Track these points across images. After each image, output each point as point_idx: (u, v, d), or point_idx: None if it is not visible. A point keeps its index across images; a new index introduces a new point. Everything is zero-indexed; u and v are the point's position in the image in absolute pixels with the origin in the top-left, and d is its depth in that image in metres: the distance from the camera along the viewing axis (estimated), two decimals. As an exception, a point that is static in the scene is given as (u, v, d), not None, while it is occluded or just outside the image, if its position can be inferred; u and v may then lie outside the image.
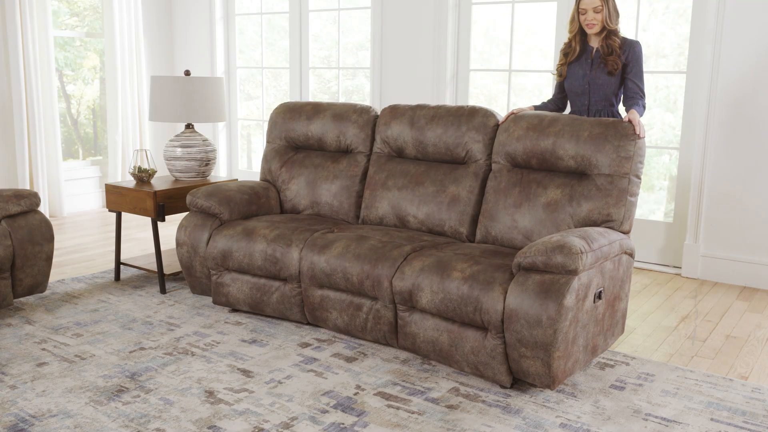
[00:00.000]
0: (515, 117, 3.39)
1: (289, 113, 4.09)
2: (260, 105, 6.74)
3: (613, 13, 3.45)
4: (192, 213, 3.75)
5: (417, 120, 3.66)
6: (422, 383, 2.89)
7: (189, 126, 4.28)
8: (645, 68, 4.67)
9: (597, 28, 3.45)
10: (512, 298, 2.67)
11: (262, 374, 2.95)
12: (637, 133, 3.06)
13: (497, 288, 2.74)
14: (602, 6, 3.41)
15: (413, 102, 5.47)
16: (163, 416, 2.58)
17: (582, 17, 3.47)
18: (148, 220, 5.97)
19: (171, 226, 5.77)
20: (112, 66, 6.28)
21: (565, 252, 2.62)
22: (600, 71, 3.52)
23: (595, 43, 3.55)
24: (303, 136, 4.03)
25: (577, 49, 3.55)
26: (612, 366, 3.09)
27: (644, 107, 3.46)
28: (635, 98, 3.47)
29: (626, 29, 4.69)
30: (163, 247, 5.06)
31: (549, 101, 3.78)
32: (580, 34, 3.55)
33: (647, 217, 4.83)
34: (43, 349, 3.17)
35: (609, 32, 3.47)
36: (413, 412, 2.64)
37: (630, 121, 3.10)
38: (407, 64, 5.50)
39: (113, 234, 5.45)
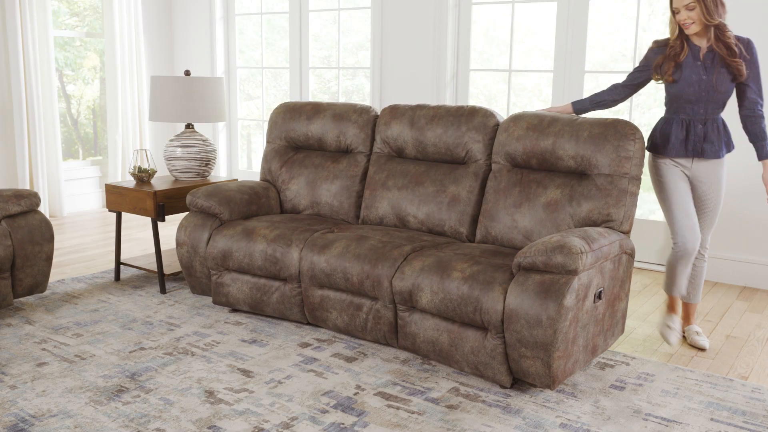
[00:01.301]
0: (515, 117, 3.38)
1: (289, 113, 4.09)
2: (260, 105, 6.74)
3: (712, 7, 2.95)
4: (192, 213, 3.75)
5: (417, 120, 3.66)
6: (422, 383, 2.89)
7: (189, 126, 4.28)
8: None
9: (695, 28, 3.00)
10: (512, 298, 2.67)
11: (262, 374, 2.95)
12: None
13: (497, 288, 2.74)
14: (695, 2, 2.95)
15: (413, 102, 5.48)
16: (163, 416, 2.58)
17: (677, 17, 3.04)
18: (148, 220, 5.97)
19: (171, 226, 5.77)
20: (112, 66, 6.28)
21: (565, 252, 2.62)
22: (721, 77, 3.05)
23: (701, 42, 3.09)
24: (303, 136, 4.04)
25: (685, 49, 3.08)
26: (612, 366, 3.08)
27: (764, 118, 3.11)
28: (756, 111, 3.09)
29: (626, 29, 4.69)
30: (163, 247, 5.06)
31: (608, 90, 3.35)
32: (682, 35, 3.10)
33: (647, 217, 4.83)
34: (43, 349, 3.17)
35: (716, 29, 3.00)
36: (413, 412, 2.64)
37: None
38: (407, 64, 5.50)
39: (113, 234, 5.45)
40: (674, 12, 3.04)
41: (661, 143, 3.19)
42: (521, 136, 3.30)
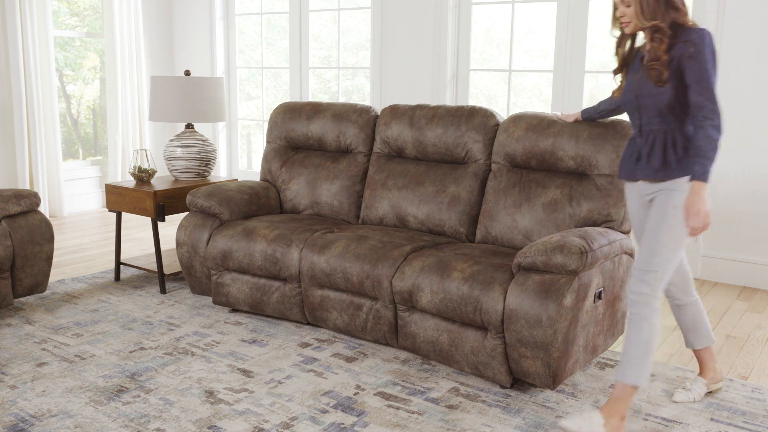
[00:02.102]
0: (515, 117, 3.38)
1: (289, 113, 4.09)
2: (260, 105, 6.74)
3: (647, 6, 2.36)
4: (192, 213, 3.75)
5: (417, 120, 3.66)
6: (422, 383, 2.89)
7: (189, 126, 4.28)
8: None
9: (630, 27, 2.45)
10: (512, 298, 2.67)
11: (262, 374, 2.95)
12: (692, 229, 2.30)
13: (497, 288, 2.74)
14: None
15: (413, 102, 5.48)
16: (163, 416, 2.58)
17: (616, 12, 2.50)
18: (148, 220, 5.97)
19: (171, 226, 5.77)
20: (112, 66, 6.28)
21: (565, 252, 2.62)
22: (645, 82, 2.45)
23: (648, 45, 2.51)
24: (303, 136, 4.03)
25: (622, 52, 2.57)
26: (612, 366, 3.08)
27: (719, 129, 2.30)
28: (700, 119, 2.32)
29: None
30: (163, 247, 5.06)
31: (606, 99, 3.01)
32: (628, 37, 2.57)
33: (647, 217, 4.83)
34: (43, 349, 3.17)
35: (652, 30, 2.38)
36: (413, 412, 2.64)
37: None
38: (407, 64, 5.50)
39: (113, 234, 5.45)
40: (615, 5, 2.49)
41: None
42: (521, 137, 3.30)
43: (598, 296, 2.78)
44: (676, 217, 2.35)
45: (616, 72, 2.59)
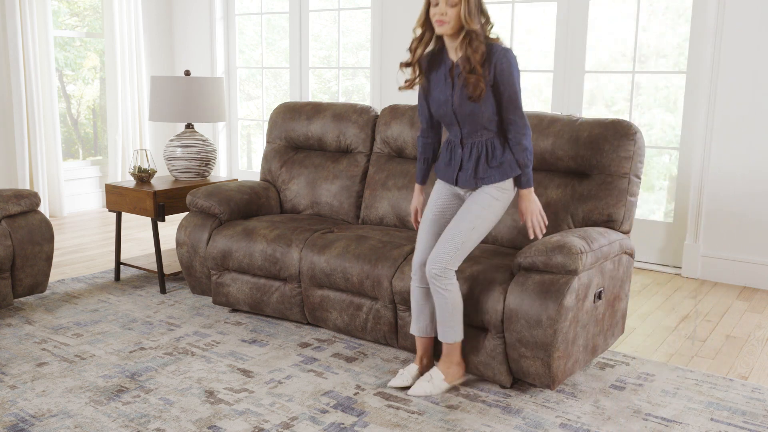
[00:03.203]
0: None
1: (289, 113, 4.09)
2: (260, 105, 6.74)
3: (475, 9, 2.47)
4: (192, 213, 3.75)
5: (417, 120, 3.65)
6: (422, 383, 2.89)
7: (189, 126, 4.28)
8: (644, 68, 4.67)
9: (448, 28, 2.48)
10: (512, 298, 2.67)
11: (262, 374, 2.95)
12: (536, 234, 2.63)
13: (497, 288, 2.74)
14: None
15: (413, 102, 5.47)
16: (163, 416, 2.58)
17: (432, 10, 2.50)
18: (148, 220, 5.97)
19: (171, 226, 5.77)
20: (112, 66, 6.28)
21: (565, 252, 2.62)
22: (463, 96, 2.57)
23: (454, 53, 2.59)
24: (303, 136, 4.03)
25: (422, 51, 2.60)
26: (612, 366, 3.08)
27: (529, 138, 2.61)
28: (513, 134, 2.59)
29: (626, 29, 4.69)
30: (163, 247, 5.06)
31: (421, 143, 2.88)
32: (432, 33, 2.59)
33: (647, 217, 4.83)
34: (43, 349, 3.17)
35: (470, 35, 2.49)
36: (413, 412, 2.64)
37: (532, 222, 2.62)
38: (407, 64, 5.49)
39: (113, 234, 5.45)
40: (432, 3, 2.49)
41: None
42: (521, 136, 3.29)
43: (598, 296, 2.78)
44: (485, 210, 2.64)
45: (406, 65, 2.62)
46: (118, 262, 4.21)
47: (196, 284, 3.73)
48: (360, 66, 6.04)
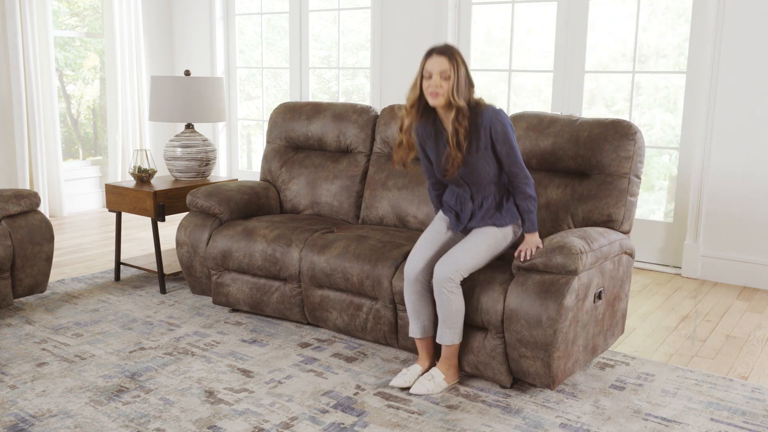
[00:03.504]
0: (515, 117, 3.37)
1: (289, 113, 4.09)
2: (260, 105, 6.74)
3: (464, 85, 2.64)
4: (192, 213, 3.75)
5: (417, 120, 3.65)
6: (422, 383, 2.89)
7: (189, 126, 4.28)
8: (644, 68, 4.68)
9: (442, 100, 2.63)
10: (512, 298, 2.67)
11: (262, 374, 2.95)
12: (522, 257, 2.68)
13: (497, 288, 2.74)
14: (450, 71, 2.60)
15: (413, 102, 5.47)
16: (163, 416, 2.58)
17: (425, 83, 2.65)
18: (148, 220, 5.97)
19: (171, 226, 5.77)
20: (112, 66, 6.28)
21: (565, 252, 2.62)
22: (474, 162, 2.76)
23: (448, 123, 2.72)
24: (303, 136, 4.03)
25: (407, 122, 2.75)
26: (612, 366, 3.08)
27: (533, 186, 2.79)
28: (516, 184, 2.76)
29: (626, 29, 4.69)
30: (163, 247, 5.06)
31: (434, 195, 3.03)
32: (424, 106, 2.73)
33: (647, 217, 4.83)
34: (43, 349, 3.17)
35: (459, 111, 2.64)
36: (413, 412, 2.64)
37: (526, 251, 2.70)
38: (407, 64, 5.50)
39: (113, 234, 5.45)
40: (425, 76, 2.64)
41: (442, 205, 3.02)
42: (521, 136, 3.29)
43: (598, 296, 2.78)
44: (493, 240, 2.79)
45: (403, 130, 2.77)
46: (118, 262, 4.21)
47: (196, 284, 3.73)
48: (360, 66, 6.04)
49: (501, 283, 2.75)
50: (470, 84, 2.69)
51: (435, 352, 2.95)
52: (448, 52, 2.64)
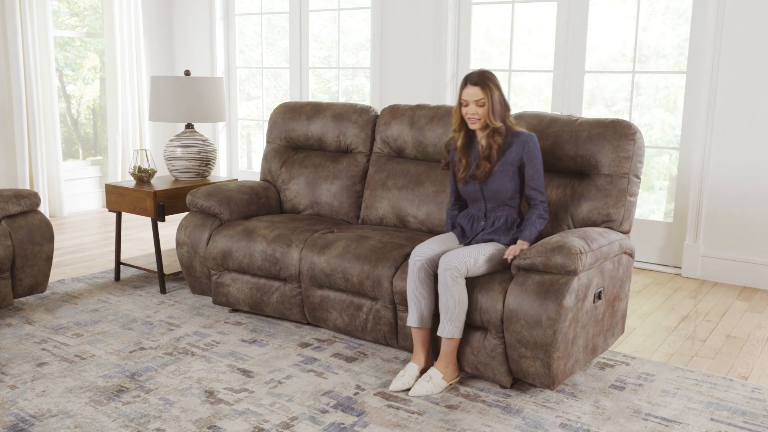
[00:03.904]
0: (515, 117, 3.37)
1: (289, 113, 4.09)
2: (260, 105, 6.74)
3: (499, 107, 2.89)
4: (192, 213, 3.75)
5: (417, 120, 3.65)
6: (422, 383, 2.88)
7: (189, 126, 4.28)
8: (644, 68, 4.68)
9: (480, 124, 2.90)
10: (512, 299, 2.67)
11: (262, 374, 2.95)
12: (505, 257, 2.81)
13: (497, 288, 2.74)
14: (485, 99, 2.85)
15: (413, 102, 5.47)
16: (163, 416, 2.58)
17: (464, 110, 2.92)
18: (148, 220, 5.97)
19: (171, 226, 5.77)
20: (112, 66, 6.28)
21: (565, 252, 2.62)
22: (496, 177, 2.97)
23: (481, 138, 2.98)
24: (303, 136, 4.03)
25: (460, 142, 3.00)
26: (612, 366, 3.08)
27: (546, 212, 2.95)
28: (533, 204, 2.95)
29: (626, 29, 4.69)
30: (163, 247, 5.06)
31: (450, 216, 3.20)
32: (465, 127, 2.99)
33: (647, 217, 4.83)
34: (43, 349, 3.17)
35: (495, 131, 2.91)
36: (413, 412, 2.64)
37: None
38: (407, 64, 5.50)
39: (113, 234, 5.45)
40: (462, 104, 2.92)
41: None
42: (521, 136, 3.29)
43: (598, 296, 2.78)
44: (492, 254, 2.86)
45: (461, 159, 3.01)
46: (118, 262, 4.21)
47: (196, 284, 3.73)
48: (360, 66, 6.04)
49: (500, 283, 2.75)
50: (506, 106, 2.94)
51: (431, 349, 2.95)
52: (481, 81, 2.87)
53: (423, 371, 2.89)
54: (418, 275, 2.85)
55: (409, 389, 2.81)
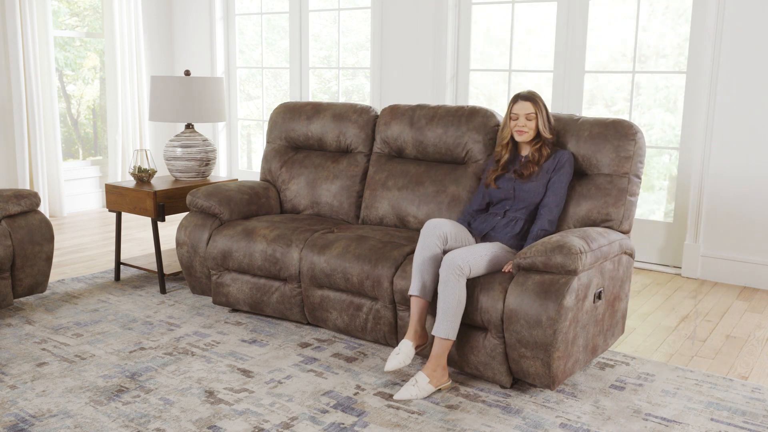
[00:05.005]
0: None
1: (289, 113, 4.09)
2: (260, 105, 6.74)
3: (547, 121, 3.10)
4: (192, 213, 3.75)
5: (417, 120, 3.66)
6: (422, 383, 2.88)
7: (189, 126, 4.28)
8: (644, 68, 4.68)
9: (527, 136, 3.07)
10: (512, 299, 2.67)
11: (262, 374, 2.95)
12: (504, 270, 2.85)
13: (497, 288, 2.74)
14: (535, 113, 3.05)
15: (413, 102, 5.48)
16: (163, 416, 2.58)
17: (513, 123, 3.10)
18: (148, 220, 5.97)
19: (171, 226, 5.77)
20: (112, 66, 6.28)
21: (565, 252, 2.62)
22: (526, 180, 3.13)
23: (525, 152, 3.16)
24: (303, 136, 4.03)
25: (506, 157, 3.17)
26: (612, 366, 3.08)
27: (553, 224, 3.04)
28: (543, 213, 3.04)
29: (626, 29, 4.69)
30: (163, 247, 5.06)
31: (469, 211, 3.29)
32: (511, 142, 3.16)
33: (647, 217, 4.83)
34: (43, 349, 3.17)
35: (543, 141, 3.10)
36: (413, 412, 2.64)
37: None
38: (407, 64, 5.50)
39: (113, 234, 5.45)
40: (512, 117, 3.10)
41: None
42: (521, 136, 3.29)
43: (598, 296, 2.78)
44: (495, 253, 2.92)
45: (500, 166, 3.18)
46: (118, 262, 4.21)
47: (196, 284, 3.73)
48: (360, 66, 6.04)
49: (501, 283, 2.75)
50: (550, 121, 3.12)
51: (427, 326, 2.92)
52: (531, 98, 3.07)
53: (418, 347, 2.87)
54: (428, 243, 2.89)
55: (404, 389, 2.77)
